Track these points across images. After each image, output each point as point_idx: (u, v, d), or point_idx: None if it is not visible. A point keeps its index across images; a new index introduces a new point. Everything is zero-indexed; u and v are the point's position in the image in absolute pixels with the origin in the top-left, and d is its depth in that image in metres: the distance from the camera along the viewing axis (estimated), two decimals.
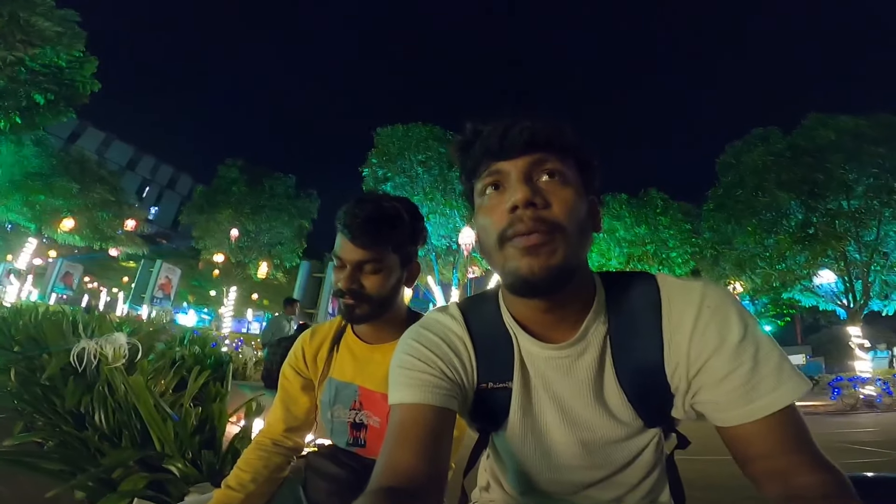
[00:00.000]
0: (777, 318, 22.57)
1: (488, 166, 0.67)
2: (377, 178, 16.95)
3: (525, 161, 0.64)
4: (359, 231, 1.01)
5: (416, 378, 0.69)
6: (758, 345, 0.62)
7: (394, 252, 1.06)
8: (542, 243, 0.60)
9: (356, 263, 1.03)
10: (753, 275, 14.14)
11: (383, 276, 1.05)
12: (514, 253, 0.62)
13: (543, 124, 0.65)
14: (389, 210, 1.05)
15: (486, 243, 0.67)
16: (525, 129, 0.64)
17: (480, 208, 0.68)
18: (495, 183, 0.66)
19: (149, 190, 53.89)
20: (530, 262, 0.61)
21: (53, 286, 22.74)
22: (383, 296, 1.06)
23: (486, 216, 0.66)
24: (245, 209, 20.95)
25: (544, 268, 0.60)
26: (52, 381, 2.62)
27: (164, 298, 20.64)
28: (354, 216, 1.01)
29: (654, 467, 0.75)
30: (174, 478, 1.75)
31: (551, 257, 0.61)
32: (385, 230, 1.03)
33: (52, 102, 10.56)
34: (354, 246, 1.02)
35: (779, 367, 0.60)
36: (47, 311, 6.94)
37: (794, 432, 0.60)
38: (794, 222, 13.36)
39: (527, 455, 0.76)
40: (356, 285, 1.03)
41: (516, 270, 0.62)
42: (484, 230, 0.67)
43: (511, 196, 0.63)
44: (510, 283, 0.65)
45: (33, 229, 18.64)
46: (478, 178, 0.69)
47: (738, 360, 0.61)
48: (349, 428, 1.12)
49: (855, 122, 12.87)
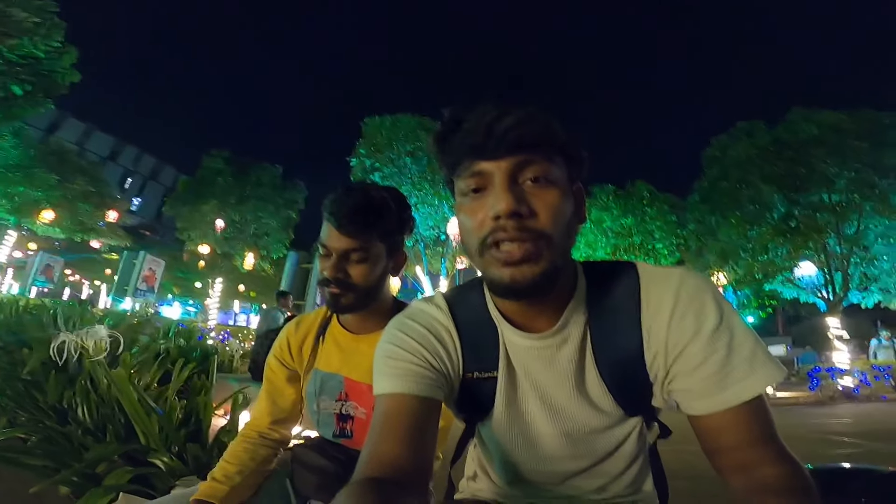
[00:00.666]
0: (759, 310, 23.04)
1: (470, 165, 0.63)
2: (365, 169, 16.81)
3: (510, 163, 0.61)
4: (346, 219, 1.00)
5: (401, 368, 0.69)
6: (732, 332, 0.62)
7: (380, 241, 1.05)
8: (525, 255, 0.59)
9: (342, 252, 1.02)
10: (736, 266, 14.35)
11: (369, 265, 1.04)
12: (494, 262, 0.61)
13: (531, 123, 0.61)
14: (377, 199, 1.04)
15: (468, 244, 0.66)
16: (511, 129, 0.60)
17: (461, 207, 0.66)
18: (477, 184, 0.63)
19: (131, 181, 52.76)
20: (512, 272, 0.60)
21: (34, 280, 22.26)
22: (369, 285, 1.05)
23: (466, 218, 0.65)
24: (231, 200, 20.61)
25: (528, 278, 0.60)
26: (34, 376, 2.58)
27: (148, 291, 20.35)
28: (342, 204, 1.00)
29: (637, 456, 0.76)
30: (159, 471, 1.74)
31: (535, 267, 0.60)
32: (372, 219, 1.02)
33: (29, 94, 10.28)
34: (341, 234, 1.01)
35: (752, 355, 0.61)
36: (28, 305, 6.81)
37: (761, 424, 0.60)
38: (777, 215, 13.55)
39: (512, 445, 0.76)
40: (342, 274, 1.02)
41: (499, 279, 0.61)
42: (465, 231, 0.66)
43: (494, 202, 0.60)
44: (492, 287, 0.65)
45: (12, 222, 18.21)
46: (459, 176, 0.65)
47: (713, 347, 0.61)
48: (336, 419, 1.12)
49: (836, 116, 13.02)
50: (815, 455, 3.94)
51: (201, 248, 20.65)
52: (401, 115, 17.02)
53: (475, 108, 0.63)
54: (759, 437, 0.60)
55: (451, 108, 0.66)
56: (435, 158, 0.69)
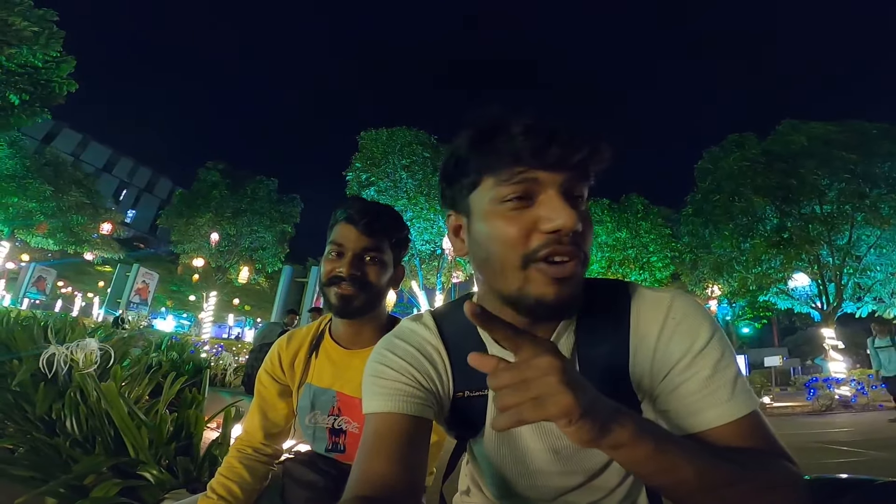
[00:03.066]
0: (754, 321, 23.10)
1: (521, 171, 0.58)
2: (361, 183, 16.87)
3: (567, 176, 0.58)
4: (365, 218, 1.04)
5: (390, 387, 0.68)
6: (718, 356, 0.61)
7: (391, 249, 1.10)
8: (575, 273, 0.58)
9: (359, 251, 1.05)
10: (730, 278, 14.45)
11: (381, 268, 1.08)
12: (542, 278, 0.58)
13: (595, 141, 0.58)
14: (391, 209, 1.12)
15: (500, 257, 0.60)
16: (581, 142, 0.57)
17: (495, 214, 0.60)
18: (525, 192, 0.58)
19: (126, 193, 52.78)
20: (559, 290, 0.58)
21: (26, 291, 22.02)
22: (380, 286, 1.08)
23: (505, 226, 0.59)
24: (226, 213, 20.59)
25: (569, 296, 0.59)
26: (23, 388, 2.55)
27: (141, 303, 20.12)
28: (361, 207, 1.06)
29: (630, 472, 0.75)
30: (148, 484, 1.72)
31: (577, 287, 0.59)
32: (389, 223, 1.08)
33: (27, 103, 10.23)
34: (360, 233, 1.05)
35: (733, 381, 0.60)
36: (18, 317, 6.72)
37: (757, 438, 0.59)
38: (769, 227, 13.70)
39: (503, 461, 0.76)
40: (359, 272, 1.05)
41: (541, 296, 0.58)
42: (497, 241, 0.60)
43: (553, 215, 0.56)
44: (526, 305, 0.60)
45: (5, 233, 18.09)
46: (500, 180, 0.59)
47: (698, 367, 0.61)
48: (328, 434, 1.12)
49: (825, 128, 13.26)
50: (815, 464, 3.93)
51: (196, 262, 20.56)
52: (396, 129, 17.14)
53: (523, 113, 0.59)
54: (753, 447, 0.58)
55: (495, 107, 0.62)
56: (458, 159, 0.64)
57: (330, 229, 1.09)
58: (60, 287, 29.02)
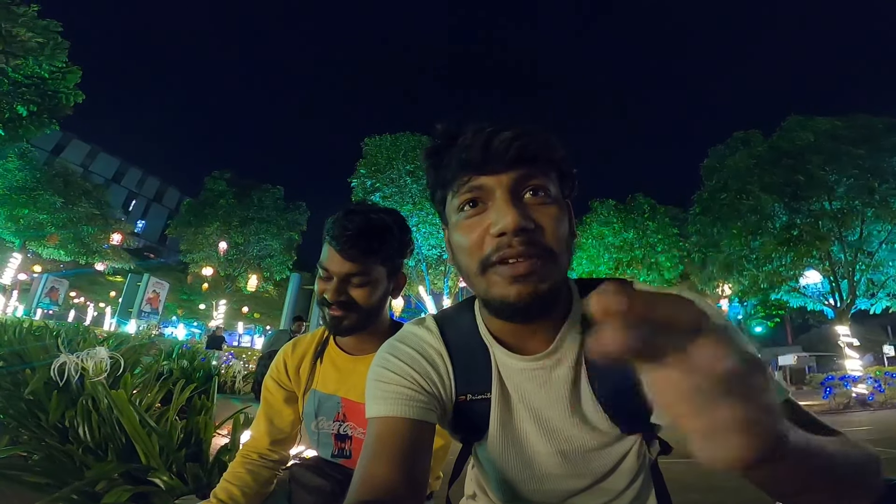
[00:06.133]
0: (767, 320, 22.80)
1: (467, 180, 0.60)
2: (366, 189, 16.94)
3: (510, 177, 0.59)
4: (347, 244, 0.99)
5: (393, 391, 0.68)
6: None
7: (381, 265, 1.05)
8: (533, 270, 0.57)
9: (344, 276, 1.02)
10: (741, 277, 14.28)
11: (370, 288, 1.04)
12: (500, 280, 0.59)
13: (531, 137, 0.59)
14: (378, 223, 1.03)
15: (465, 265, 0.63)
16: (512, 141, 0.58)
17: (457, 225, 0.63)
18: (473, 199, 0.61)
19: (135, 203, 53.40)
20: (519, 289, 0.58)
21: (39, 301, 22.32)
22: (371, 306, 1.05)
23: (463, 236, 0.62)
24: (233, 221, 20.77)
25: (533, 294, 0.58)
26: (36, 396, 2.58)
27: (151, 312, 20.32)
28: (344, 228, 1.00)
29: (638, 474, 0.74)
30: (159, 490, 1.73)
31: (541, 284, 0.58)
32: (374, 243, 1.01)
33: (35, 114, 10.29)
34: (343, 258, 1.01)
35: None
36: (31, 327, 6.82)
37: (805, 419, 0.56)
38: (779, 224, 13.53)
39: (509, 465, 0.75)
40: (344, 297, 1.03)
41: (503, 298, 0.59)
42: (462, 251, 0.63)
43: (498, 218, 0.58)
44: (495, 308, 0.62)
45: (17, 244, 18.35)
46: (453, 192, 0.63)
47: None
48: (334, 439, 1.13)
49: (832, 123, 13.09)
50: None
51: (205, 270, 20.74)
52: (400, 135, 17.22)
53: (469, 124, 0.61)
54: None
55: (443, 123, 0.64)
56: (427, 175, 0.68)
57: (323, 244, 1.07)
58: (73, 297, 29.40)
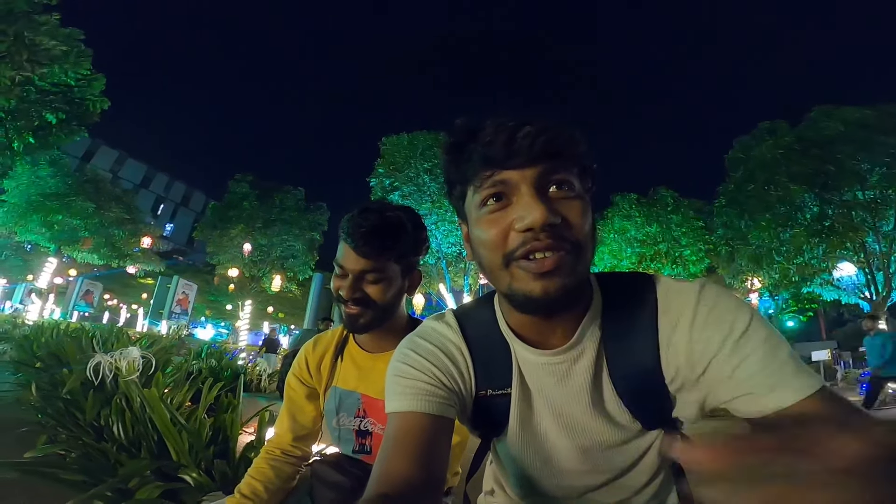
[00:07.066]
0: (799, 314, 22.04)
1: (490, 175, 0.59)
2: (385, 188, 17.05)
3: (535, 172, 0.58)
4: (362, 241, 1.01)
5: (412, 386, 0.68)
6: (765, 336, 0.58)
7: (396, 262, 1.06)
8: (559, 266, 0.57)
9: (359, 273, 1.03)
10: (771, 270, 13.89)
11: (385, 285, 1.05)
12: (525, 275, 0.58)
13: (555, 132, 0.58)
14: (392, 220, 1.04)
15: (487, 260, 0.62)
16: (537, 135, 0.57)
17: (479, 220, 0.62)
18: (497, 194, 0.60)
19: (163, 207, 55.04)
20: (545, 285, 0.57)
21: (75, 304, 23.21)
22: (386, 303, 1.06)
23: (486, 231, 0.61)
24: (256, 224, 21.23)
25: (560, 289, 0.58)
26: (73, 395, 2.69)
27: (181, 314, 20.89)
28: (358, 226, 1.01)
29: (660, 470, 0.73)
30: (188, 487, 1.78)
31: (567, 278, 0.58)
32: (388, 241, 1.02)
33: (63, 122, 10.51)
34: (357, 255, 1.02)
35: (794, 358, 0.57)
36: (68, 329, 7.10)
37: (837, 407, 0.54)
38: (809, 215, 13.12)
39: (528, 461, 0.75)
40: (359, 294, 1.04)
41: (529, 293, 0.58)
42: (484, 246, 0.62)
43: (525, 213, 0.57)
44: (519, 303, 0.62)
45: (52, 249, 19.07)
46: (475, 187, 0.62)
47: (747, 350, 0.58)
48: (355, 435, 1.14)
49: (860, 112, 12.70)
50: None
51: (230, 272, 21.24)
52: (417, 133, 17.26)
53: (490, 118, 0.60)
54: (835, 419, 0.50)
55: (463, 118, 0.63)
56: (445, 171, 0.67)
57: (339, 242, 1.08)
58: (107, 300, 30.48)
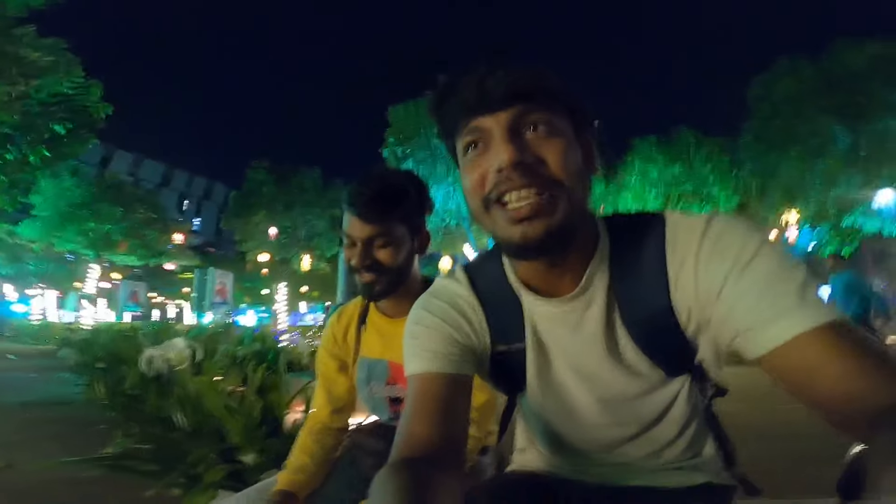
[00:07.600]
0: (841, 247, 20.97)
1: (467, 123, 0.60)
2: (397, 157, 16.84)
3: (507, 114, 0.57)
4: (365, 207, 1.02)
5: (427, 347, 0.68)
6: (774, 263, 0.54)
7: (402, 223, 1.07)
8: (537, 208, 0.56)
9: (366, 240, 1.04)
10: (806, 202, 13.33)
11: (394, 248, 1.06)
12: (503, 219, 0.58)
13: (523, 74, 0.58)
14: (393, 183, 1.06)
15: (472, 206, 0.62)
16: (502, 78, 0.57)
17: (463, 168, 0.63)
18: (475, 141, 0.60)
19: (187, 203, 56.10)
20: (524, 230, 0.57)
21: (124, 305, 24.19)
22: (398, 267, 1.07)
23: (468, 177, 0.61)
24: (278, 207, 21.53)
25: (541, 233, 0.56)
26: (135, 390, 2.86)
27: (223, 303, 21.55)
28: (360, 194, 1.02)
29: (691, 420, 0.70)
30: (248, 467, 1.92)
31: (549, 219, 0.56)
32: (391, 203, 1.04)
33: (72, 131, 10.36)
34: (363, 222, 1.03)
35: (802, 287, 0.51)
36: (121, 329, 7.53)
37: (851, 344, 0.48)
38: (843, 146, 12.44)
39: (551, 416, 0.74)
40: (369, 260, 1.04)
41: (509, 238, 0.58)
42: (467, 192, 0.62)
43: (496, 155, 0.57)
44: (505, 248, 0.62)
45: (92, 255, 19.82)
46: (457, 137, 0.63)
47: (748, 281, 0.54)
48: (388, 403, 1.16)
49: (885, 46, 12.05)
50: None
51: (261, 257, 21.78)
52: (423, 99, 16.85)
53: (470, 70, 0.60)
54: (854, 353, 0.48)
55: (445, 75, 0.63)
56: (438, 128, 0.67)
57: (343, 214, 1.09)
58: (152, 298, 31.67)
